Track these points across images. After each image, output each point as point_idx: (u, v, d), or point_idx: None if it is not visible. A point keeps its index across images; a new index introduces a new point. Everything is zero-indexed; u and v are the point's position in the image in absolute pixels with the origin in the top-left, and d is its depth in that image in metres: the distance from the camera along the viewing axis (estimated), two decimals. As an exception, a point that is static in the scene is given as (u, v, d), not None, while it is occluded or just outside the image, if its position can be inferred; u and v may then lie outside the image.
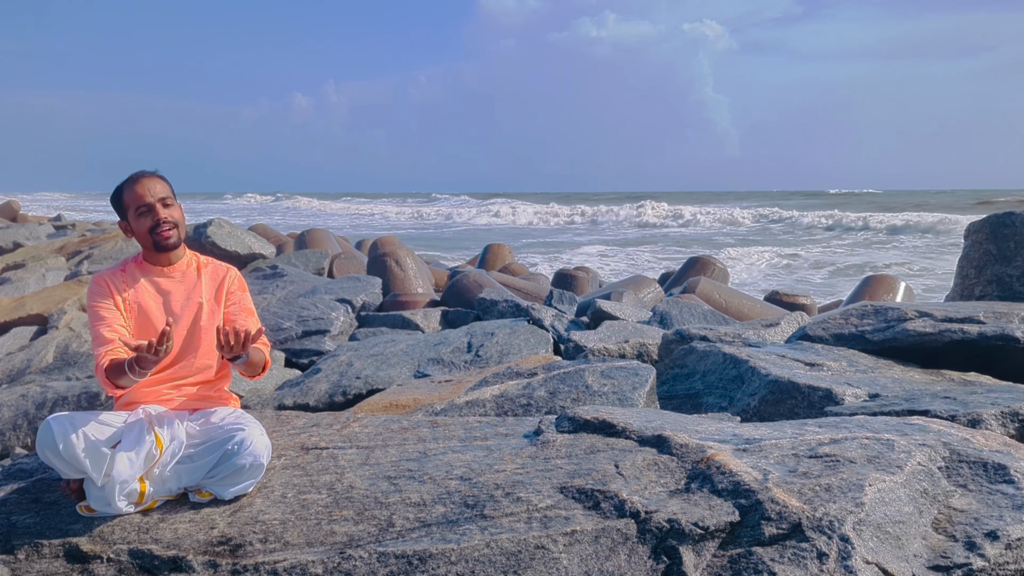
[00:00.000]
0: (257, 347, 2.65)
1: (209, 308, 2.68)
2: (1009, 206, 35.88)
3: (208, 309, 2.68)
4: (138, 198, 2.57)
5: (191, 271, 2.71)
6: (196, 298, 2.67)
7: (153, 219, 2.58)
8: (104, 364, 2.41)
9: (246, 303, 2.79)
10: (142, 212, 2.58)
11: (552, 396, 3.53)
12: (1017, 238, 4.98)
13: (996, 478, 2.29)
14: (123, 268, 2.67)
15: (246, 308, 2.77)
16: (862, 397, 3.42)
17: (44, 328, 7.32)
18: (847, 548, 1.92)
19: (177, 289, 2.65)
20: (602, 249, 25.42)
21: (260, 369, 2.65)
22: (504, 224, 41.16)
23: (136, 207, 2.58)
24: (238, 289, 2.79)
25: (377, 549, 2.08)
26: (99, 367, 2.43)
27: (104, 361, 2.42)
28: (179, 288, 2.66)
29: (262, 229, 15.64)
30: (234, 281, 2.79)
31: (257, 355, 2.60)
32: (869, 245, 25.57)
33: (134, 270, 2.66)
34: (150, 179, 2.60)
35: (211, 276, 2.74)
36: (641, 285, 9.94)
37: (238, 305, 2.75)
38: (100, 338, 2.49)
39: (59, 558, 2.22)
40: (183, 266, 2.70)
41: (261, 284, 7.65)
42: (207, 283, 2.71)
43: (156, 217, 2.58)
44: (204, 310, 2.66)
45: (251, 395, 4.70)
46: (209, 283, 2.72)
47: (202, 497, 2.41)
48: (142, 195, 2.57)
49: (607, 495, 2.21)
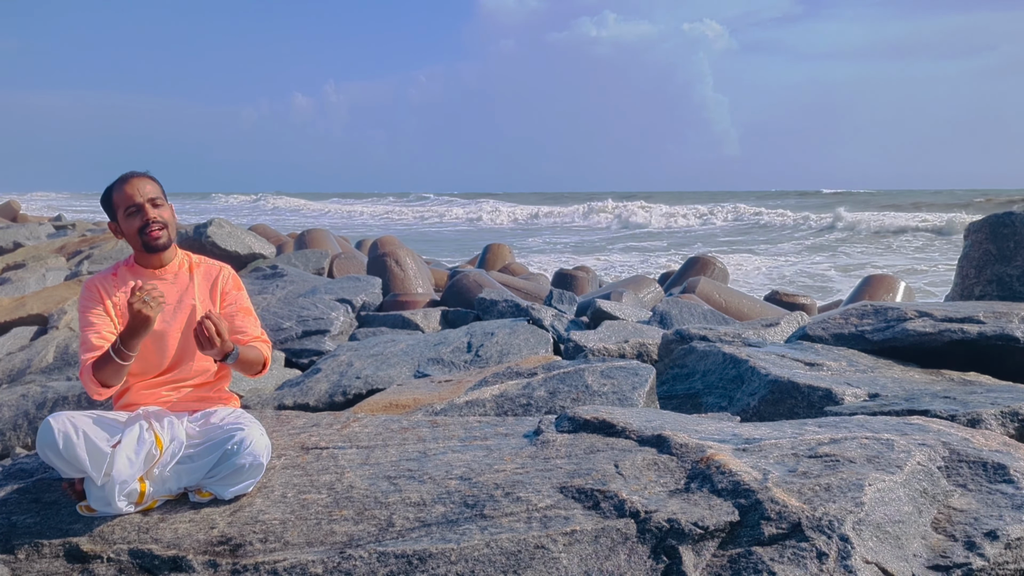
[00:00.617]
0: (253, 344, 2.63)
1: (203, 309, 2.63)
2: (990, 207, 35.78)
3: (202, 311, 2.62)
4: (127, 198, 2.54)
5: (183, 272, 2.67)
6: (189, 300, 2.63)
7: (142, 219, 2.54)
8: (89, 362, 2.41)
9: (243, 302, 2.74)
10: (131, 212, 2.55)
11: (552, 396, 3.53)
12: (1017, 238, 4.98)
13: (996, 478, 2.29)
14: (114, 272, 2.64)
15: (243, 307, 2.73)
16: (862, 397, 3.43)
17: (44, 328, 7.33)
18: (847, 548, 1.92)
19: (169, 291, 2.61)
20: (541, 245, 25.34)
21: (259, 367, 2.62)
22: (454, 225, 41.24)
23: (125, 207, 2.55)
24: (233, 288, 2.73)
25: (377, 549, 2.08)
26: (84, 369, 2.42)
27: (88, 361, 2.42)
28: (171, 290, 2.62)
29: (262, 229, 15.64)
30: (228, 280, 2.74)
31: (252, 353, 2.57)
32: (820, 249, 24.95)
33: (125, 273, 2.63)
34: (140, 179, 2.57)
35: (204, 276, 2.70)
36: (641, 285, 9.94)
37: (235, 305, 2.71)
38: (88, 344, 2.47)
39: (59, 558, 2.23)
40: (175, 267, 2.66)
41: (261, 284, 7.65)
42: (200, 284, 2.67)
43: (145, 217, 2.54)
44: (198, 312, 2.61)
45: (251, 395, 4.70)
46: (202, 283, 2.68)
47: (202, 497, 2.41)
48: (131, 195, 2.54)
49: (607, 495, 2.21)
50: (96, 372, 2.38)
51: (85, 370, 2.42)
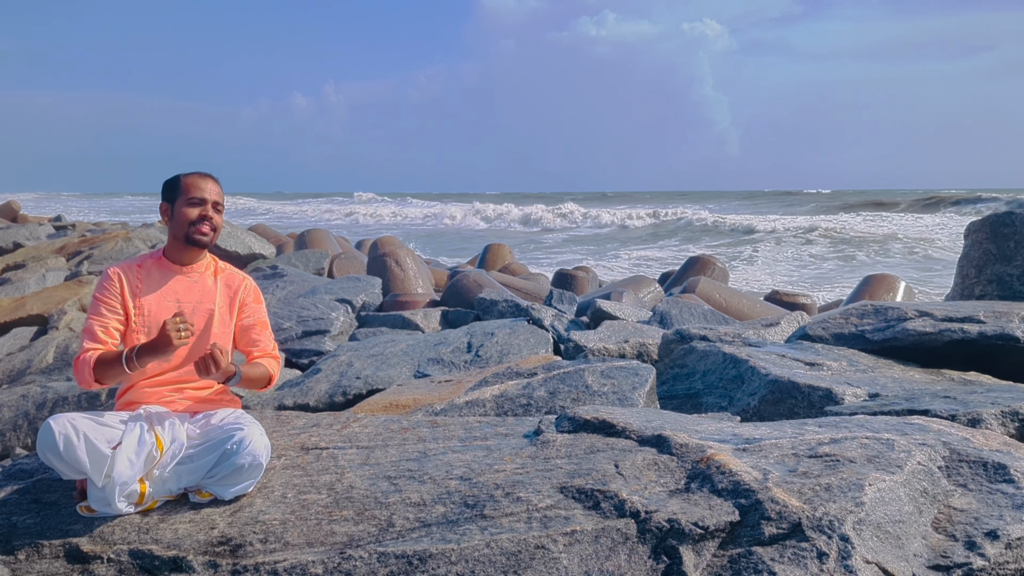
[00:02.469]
0: (259, 362, 2.68)
1: (220, 316, 2.68)
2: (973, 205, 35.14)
3: (219, 317, 2.68)
4: (198, 188, 2.61)
5: (208, 274, 2.72)
6: (208, 303, 2.67)
7: (201, 212, 2.61)
8: (91, 358, 2.41)
9: (261, 315, 2.79)
10: (194, 202, 2.61)
11: (552, 396, 3.53)
12: (1017, 237, 4.98)
13: (996, 477, 2.29)
14: (140, 263, 2.67)
15: (261, 321, 2.77)
16: (862, 397, 3.43)
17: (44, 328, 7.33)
18: (847, 548, 1.92)
19: (191, 290, 2.66)
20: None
21: (264, 383, 2.67)
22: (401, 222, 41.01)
23: (192, 195, 2.61)
24: (253, 301, 2.79)
25: (377, 549, 2.08)
26: (83, 361, 2.42)
27: (90, 355, 2.42)
28: (193, 289, 2.66)
29: (262, 229, 15.65)
30: (249, 293, 2.79)
31: (256, 371, 2.62)
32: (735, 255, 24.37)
33: (151, 265, 2.67)
34: (214, 181, 2.66)
35: (226, 283, 2.74)
36: (641, 285, 9.94)
37: (253, 318, 2.76)
38: (92, 333, 2.49)
39: (59, 558, 2.23)
40: (200, 268, 2.72)
41: (261, 284, 7.65)
42: (222, 290, 2.72)
43: (204, 212, 2.62)
44: (215, 318, 2.66)
45: (251, 395, 4.70)
46: (224, 290, 2.72)
47: (202, 497, 2.41)
48: (203, 187, 2.62)
49: (607, 495, 2.21)
50: (97, 370, 2.39)
51: (83, 361, 2.42)
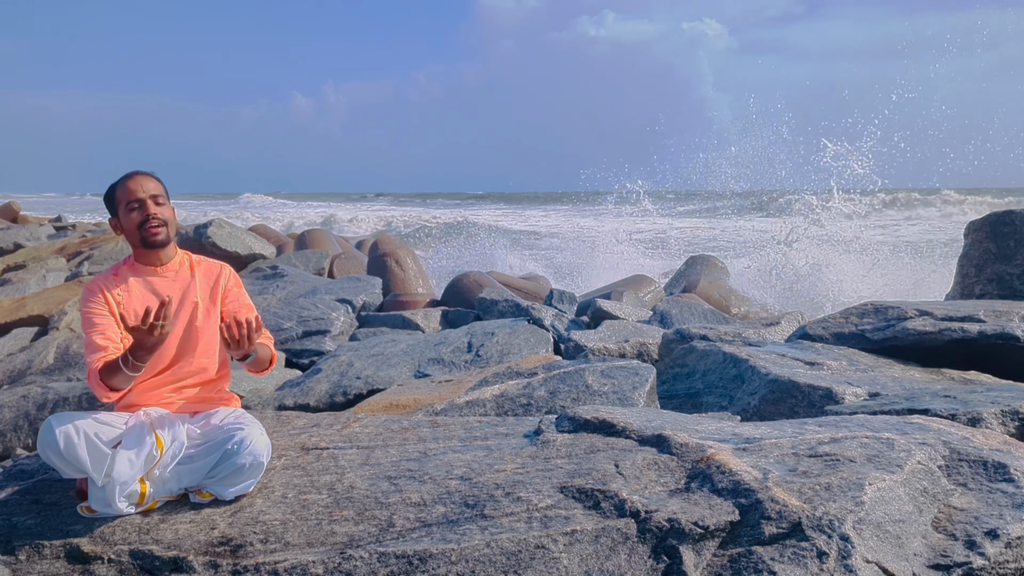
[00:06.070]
0: (262, 341, 2.65)
1: (204, 307, 2.66)
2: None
3: (204, 308, 2.65)
4: (130, 193, 2.57)
5: (184, 270, 2.70)
6: (191, 297, 2.65)
7: (143, 214, 2.57)
8: (97, 367, 2.40)
9: (244, 299, 2.77)
10: (132, 207, 2.57)
11: (552, 396, 3.53)
12: (1017, 236, 4.98)
13: (996, 477, 2.29)
14: (115, 272, 2.65)
15: (245, 304, 2.76)
16: (862, 396, 3.43)
17: (45, 329, 7.32)
18: (847, 547, 1.92)
19: (171, 287, 2.63)
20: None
21: (267, 363, 2.66)
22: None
23: (127, 202, 2.57)
24: (234, 286, 2.77)
25: (377, 549, 2.08)
26: (92, 372, 2.41)
27: (97, 365, 2.41)
28: (172, 287, 2.64)
29: (262, 229, 15.64)
30: (229, 278, 2.77)
31: (263, 351, 2.62)
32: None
33: (126, 272, 2.64)
34: (144, 177, 2.62)
35: (204, 274, 2.72)
36: (641, 284, 9.94)
37: (237, 302, 2.74)
38: (93, 345, 2.47)
39: (60, 559, 2.23)
40: (175, 265, 2.69)
41: (261, 284, 7.65)
42: (201, 282, 2.70)
43: (146, 212, 2.57)
44: (200, 309, 2.64)
45: (251, 395, 4.70)
46: (203, 282, 2.70)
47: (203, 498, 2.41)
48: (134, 191, 2.57)
49: (607, 495, 2.21)
50: (105, 378, 2.38)
51: (92, 374, 2.41)
